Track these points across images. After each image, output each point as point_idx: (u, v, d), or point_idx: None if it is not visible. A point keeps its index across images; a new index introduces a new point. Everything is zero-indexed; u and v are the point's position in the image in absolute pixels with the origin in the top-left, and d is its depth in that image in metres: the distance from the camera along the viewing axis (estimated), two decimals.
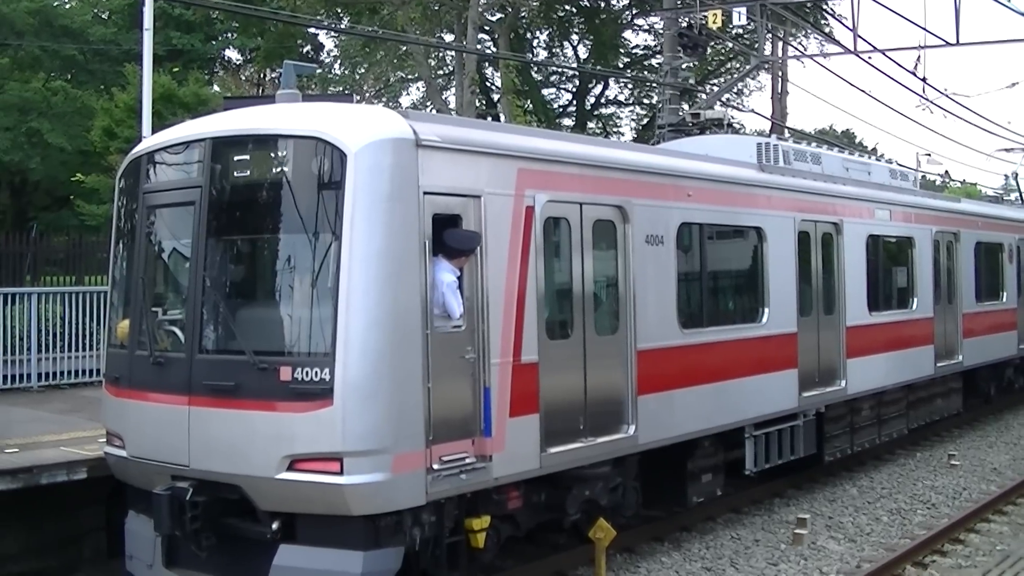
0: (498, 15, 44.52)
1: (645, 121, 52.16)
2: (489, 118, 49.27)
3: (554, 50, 53.18)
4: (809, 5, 40.83)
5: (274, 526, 10.95)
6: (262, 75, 52.30)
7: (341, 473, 10.49)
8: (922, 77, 30.97)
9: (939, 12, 60.00)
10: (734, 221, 16.75)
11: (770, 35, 38.94)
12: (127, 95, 35.16)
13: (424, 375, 10.92)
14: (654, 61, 48.86)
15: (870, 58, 30.62)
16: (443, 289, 11.32)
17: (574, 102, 53.21)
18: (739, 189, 16.75)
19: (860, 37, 28.92)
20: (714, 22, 28.61)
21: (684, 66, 30.04)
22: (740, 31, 46.08)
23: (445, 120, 13.36)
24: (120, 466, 12.34)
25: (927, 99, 33.17)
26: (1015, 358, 28.63)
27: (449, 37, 43.22)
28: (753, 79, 51.97)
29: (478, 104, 42.63)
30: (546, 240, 12.67)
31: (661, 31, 35.24)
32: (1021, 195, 41.45)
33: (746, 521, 17.06)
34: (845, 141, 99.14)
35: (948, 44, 28.00)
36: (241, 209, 11.68)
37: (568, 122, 52.10)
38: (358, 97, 42.82)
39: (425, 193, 11.12)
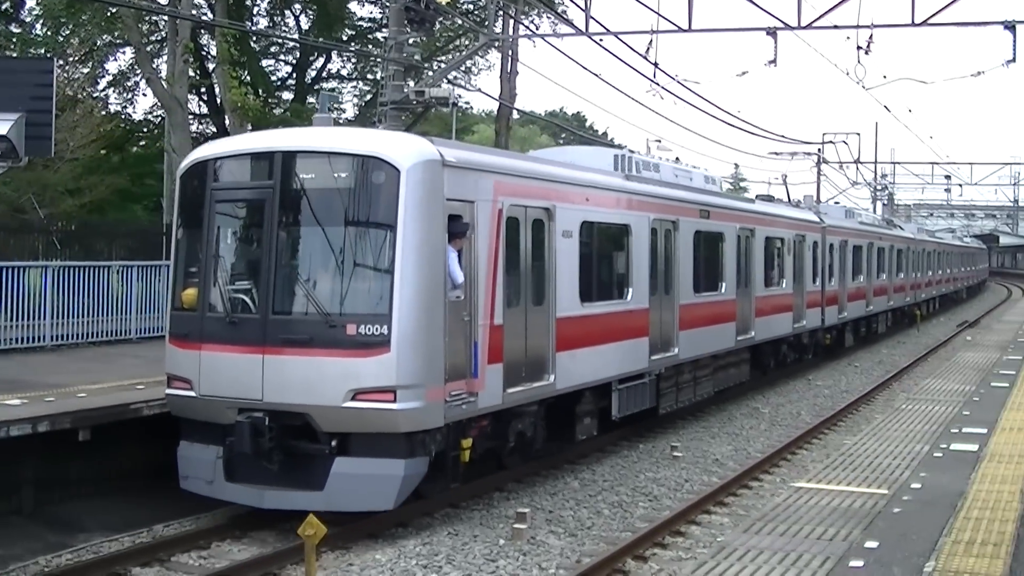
0: None
1: (368, 98, 51.94)
2: (203, 89, 48.38)
3: (275, 19, 52.43)
4: None
5: (332, 444, 15.51)
6: None
7: (395, 401, 15.27)
8: (654, 62, 31.59)
9: None
10: (613, 220, 22.03)
11: (501, 13, 39.21)
12: None
13: (444, 331, 15.81)
14: (379, 35, 48.68)
15: (602, 40, 31.09)
16: (449, 262, 16.02)
17: (294, 75, 52.60)
18: (617, 195, 22.25)
19: (593, 18, 29.34)
20: None
21: (410, 41, 29.95)
22: (470, 7, 46.41)
23: (455, 145, 18.15)
24: (184, 404, 16.59)
25: (658, 84, 33.79)
26: (790, 336, 35.18)
27: (163, 0, 42.18)
28: (482, 57, 52.31)
29: (192, 74, 41.74)
30: (507, 234, 17.59)
31: (387, 3, 35.12)
32: (788, 196, 46.30)
33: (464, 516, 17.20)
34: (575, 124, 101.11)
35: (681, 30, 28.63)
36: (310, 206, 16.16)
37: (287, 95, 51.48)
38: (61, 61, 41.28)
39: (446, 199, 16.07)
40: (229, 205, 16.98)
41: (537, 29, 46.78)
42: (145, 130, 51.81)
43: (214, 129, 50.59)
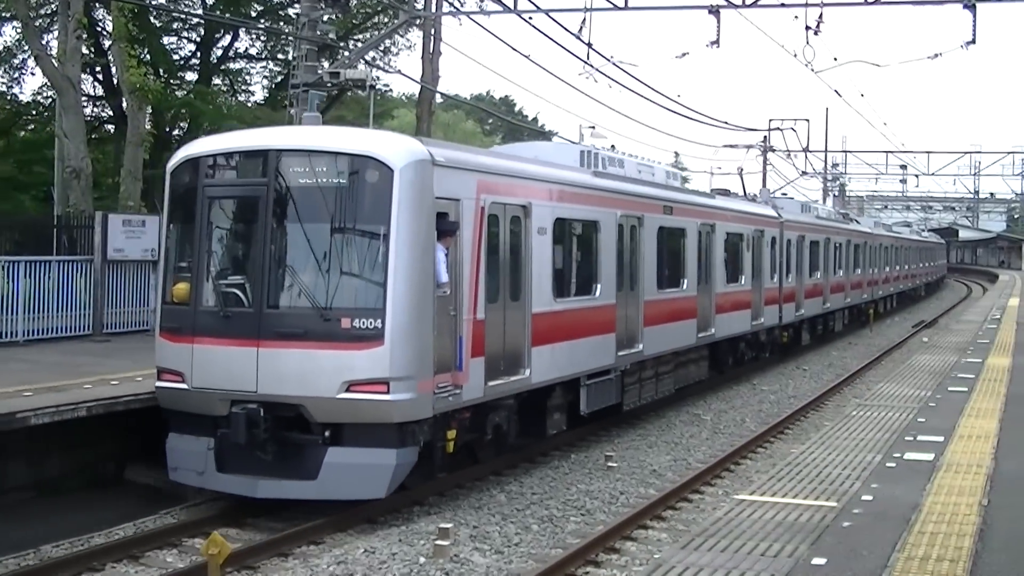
0: None
1: (279, 79, 51.71)
2: (98, 68, 47.95)
3: None
4: None
5: (325, 434, 17.18)
6: None
7: (388, 392, 16.95)
8: (587, 42, 31.72)
9: None
10: (583, 216, 23.99)
11: None
12: None
13: (432, 325, 17.56)
14: (291, 11, 48.45)
15: (532, 19, 31.15)
16: (437, 260, 17.75)
17: (198, 54, 52.27)
18: (587, 191, 24.17)
19: None
20: None
21: (325, 18, 29.88)
22: None
23: (442, 144, 20.33)
24: (175, 396, 18.13)
25: (592, 66, 33.93)
26: (748, 333, 37.38)
27: None
28: (402, 36, 52.20)
29: (86, 51, 41.36)
30: (488, 231, 19.47)
31: None
32: (744, 189, 49.11)
33: (381, 532, 17.21)
34: (503, 109, 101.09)
35: (617, 8, 28.78)
36: (305, 203, 17.76)
37: (191, 76, 51.17)
38: None
39: (436, 198, 17.85)
40: (222, 202, 18.58)
41: (462, 6, 46.75)
42: (34, 113, 51.36)
43: (110, 112, 50.27)
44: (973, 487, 15.50)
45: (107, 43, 45.09)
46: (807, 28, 29.92)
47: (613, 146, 30.74)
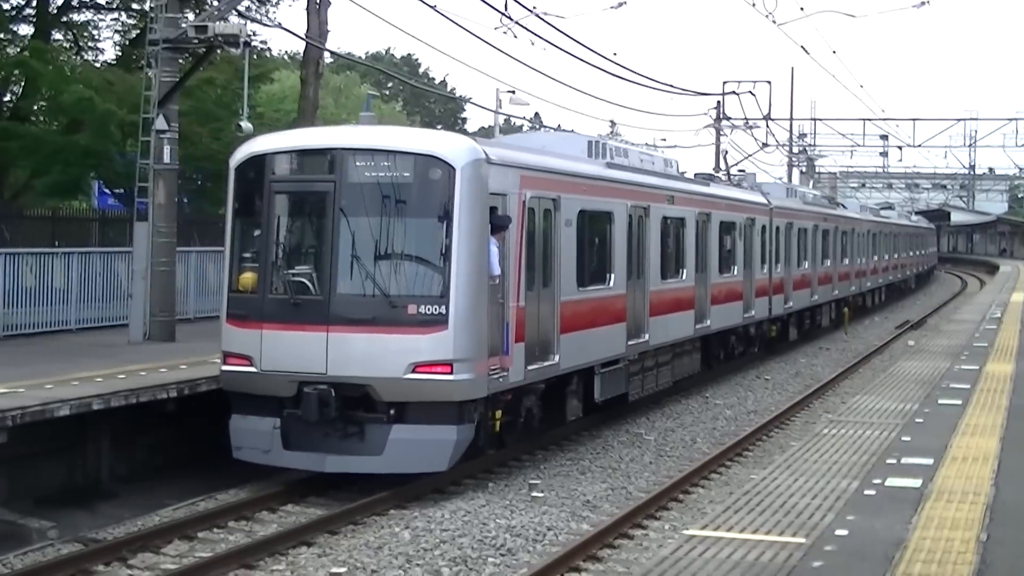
0: None
1: (134, 34, 51.30)
2: None
3: None
4: None
5: (391, 412, 21.58)
6: None
7: (451, 373, 21.53)
8: None
9: None
10: (600, 207, 28.92)
11: None
12: None
13: (487, 311, 22.20)
14: None
15: None
16: (491, 254, 22.49)
17: (34, 2, 51.76)
18: (604, 183, 29.37)
19: None
20: None
21: None
22: None
23: (493, 143, 26.04)
24: (242, 379, 22.50)
25: (511, 18, 34.00)
26: (739, 326, 42.33)
27: None
28: None
29: None
30: (527, 222, 24.24)
31: None
32: (729, 174, 52.67)
33: None
34: (406, 71, 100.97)
35: None
36: (370, 199, 22.23)
37: (25, 30, 50.68)
38: None
39: (489, 193, 22.55)
40: (289, 196, 23.47)
41: None
42: None
43: None
44: (969, 519, 15.60)
45: None
46: None
47: (537, 114, 31.29)
